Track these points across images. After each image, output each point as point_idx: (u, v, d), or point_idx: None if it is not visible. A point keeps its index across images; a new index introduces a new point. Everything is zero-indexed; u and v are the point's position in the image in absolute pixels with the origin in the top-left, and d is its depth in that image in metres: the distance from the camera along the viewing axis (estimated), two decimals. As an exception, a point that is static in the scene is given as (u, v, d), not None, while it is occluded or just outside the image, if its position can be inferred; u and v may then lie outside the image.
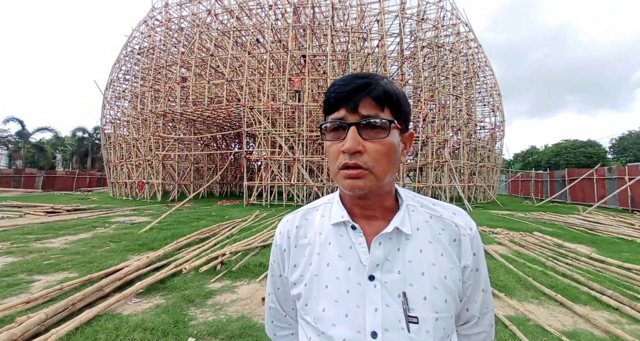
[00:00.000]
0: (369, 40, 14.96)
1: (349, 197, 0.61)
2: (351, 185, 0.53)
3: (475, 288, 0.61)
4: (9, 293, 3.18)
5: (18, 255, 4.68)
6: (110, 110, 18.79)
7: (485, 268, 0.63)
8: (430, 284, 0.55)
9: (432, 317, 0.54)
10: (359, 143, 0.52)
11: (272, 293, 0.72)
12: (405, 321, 0.53)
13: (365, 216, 0.60)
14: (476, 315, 0.63)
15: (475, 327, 0.64)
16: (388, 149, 0.54)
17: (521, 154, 48.65)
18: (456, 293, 0.57)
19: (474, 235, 0.61)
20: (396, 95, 0.56)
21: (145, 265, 3.93)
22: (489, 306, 0.64)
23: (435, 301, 0.54)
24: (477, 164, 16.68)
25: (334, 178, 0.57)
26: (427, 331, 0.53)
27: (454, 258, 0.58)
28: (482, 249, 0.63)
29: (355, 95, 0.54)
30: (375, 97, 0.54)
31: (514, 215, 10.39)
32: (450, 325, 0.57)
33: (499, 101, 19.01)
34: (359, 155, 0.53)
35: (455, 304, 0.57)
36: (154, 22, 17.68)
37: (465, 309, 0.62)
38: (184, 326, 2.52)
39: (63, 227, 7.13)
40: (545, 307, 3.04)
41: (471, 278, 0.60)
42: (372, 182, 0.54)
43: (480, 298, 0.62)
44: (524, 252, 5.07)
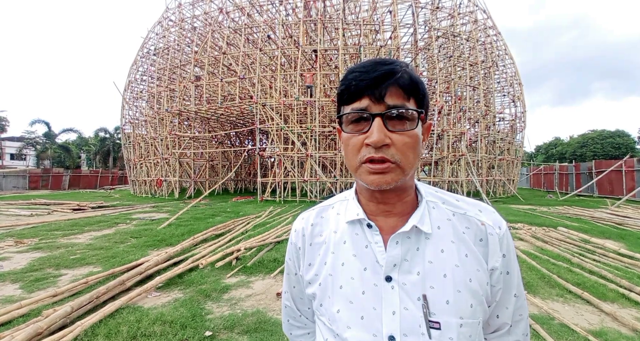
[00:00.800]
0: (381, 32, 14.60)
1: (367, 192, 0.57)
2: (378, 181, 0.50)
3: (506, 293, 0.56)
4: (37, 287, 3.36)
5: (46, 250, 4.94)
6: (129, 111, 19.41)
7: (518, 271, 0.57)
8: (454, 287, 0.51)
9: (456, 323, 0.50)
10: (386, 135, 0.49)
11: (287, 292, 0.71)
12: (425, 326, 0.49)
13: (383, 213, 0.57)
14: (508, 323, 0.58)
15: (507, 336, 0.59)
16: (415, 142, 0.51)
17: (544, 146, 46.55)
18: (483, 298, 0.53)
19: (504, 234, 0.55)
20: (422, 84, 0.52)
21: (164, 260, 4.05)
22: (522, 313, 0.59)
23: (460, 306, 0.50)
24: (496, 157, 16.10)
25: (354, 172, 0.53)
26: (450, 338, 0.49)
27: (480, 259, 0.53)
28: (514, 250, 0.57)
29: (380, 83, 0.49)
30: (403, 85, 0.50)
31: (536, 210, 10.00)
32: (477, 332, 0.52)
33: (520, 91, 18.18)
34: (386, 148, 0.49)
35: (483, 309, 0.53)
36: (168, 22, 18.02)
37: (495, 315, 0.57)
38: (201, 319, 2.57)
39: (88, 223, 7.47)
40: (571, 305, 2.91)
41: (500, 282, 0.55)
42: (398, 176, 0.50)
43: (512, 304, 0.57)
44: (548, 248, 4.86)
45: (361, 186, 0.58)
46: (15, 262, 4.28)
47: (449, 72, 15.76)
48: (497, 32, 18.07)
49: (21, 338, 2.07)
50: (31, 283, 3.46)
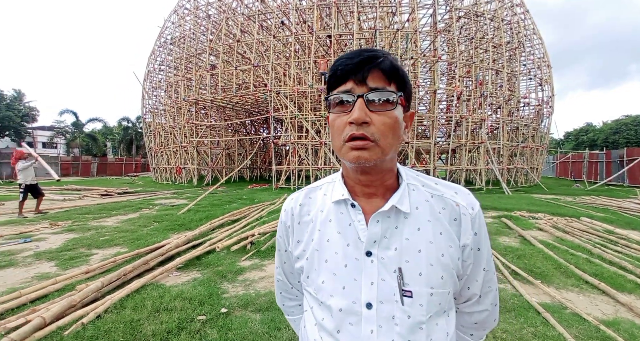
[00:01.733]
0: (398, 14, 13.99)
1: (352, 174, 0.61)
2: (357, 157, 0.54)
3: (476, 267, 0.62)
4: (71, 265, 3.68)
5: (78, 232, 5.34)
6: (149, 100, 19.99)
7: (488, 248, 0.63)
8: (427, 261, 0.56)
9: (427, 292, 0.55)
10: (366, 114, 0.53)
11: (279, 267, 0.77)
12: (399, 294, 0.55)
13: (366, 194, 0.61)
14: (477, 293, 0.64)
15: (477, 305, 0.66)
16: (394, 122, 0.55)
17: (574, 132, 43.80)
18: (454, 271, 0.58)
19: (476, 214, 0.61)
20: (402, 71, 0.56)
21: (183, 243, 4.28)
22: (491, 285, 0.65)
23: (431, 278, 0.56)
24: (519, 144, 15.37)
25: (338, 152, 0.57)
26: (420, 305, 0.55)
27: (453, 236, 0.59)
28: (485, 229, 0.62)
29: (363, 67, 0.54)
30: (384, 69, 0.54)
31: (560, 200, 9.60)
32: (446, 301, 0.58)
33: (548, 73, 17.03)
34: (366, 126, 0.53)
35: (453, 281, 0.58)
36: (184, 11, 18.08)
37: (466, 287, 0.64)
38: (217, 298, 2.75)
39: (115, 207, 7.96)
40: (585, 295, 2.86)
41: (471, 257, 0.60)
42: (377, 155, 0.54)
43: (481, 277, 0.63)
44: (568, 238, 4.72)
45: (347, 169, 0.62)
46: (51, 242, 4.67)
47: (470, 54, 14.97)
48: (524, 10, 16.85)
49: (56, 309, 2.30)
50: (65, 261, 3.78)
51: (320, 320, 0.60)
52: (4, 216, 6.79)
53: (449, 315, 0.59)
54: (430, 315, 0.56)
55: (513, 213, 6.91)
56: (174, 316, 2.37)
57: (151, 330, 2.19)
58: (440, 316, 0.58)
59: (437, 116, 13.50)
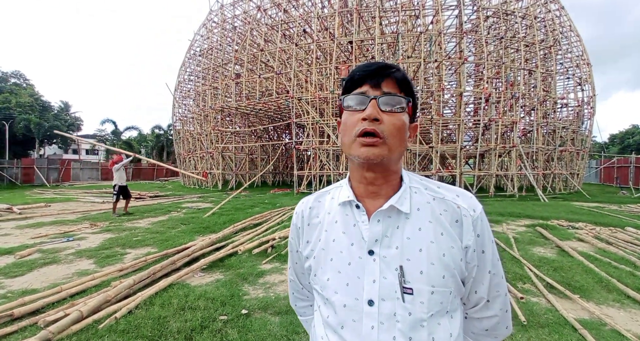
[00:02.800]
0: (421, 17, 13.79)
1: (357, 174, 0.64)
2: (366, 153, 0.57)
3: (481, 270, 0.62)
4: (108, 262, 3.94)
5: (115, 232, 5.71)
6: (179, 109, 21.15)
7: (494, 252, 0.63)
8: (428, 260, 0.58)
9: (428, 290, 0.57)
10: (378, 112, 0.57)
11: (291, 267, 0.80)
12: (400, 291, 0.57)
13: (370, 195, 0.64)
14: (484, 298, 0.64)
15: (485, 310, 0.66)
16: (401, 125, 0.59)
17: (619, 135, 40.21)
18: (456, 271, 0.59)
19: (478, 217, 0.62)
20: (412, 84, 0.63)
21: (207, 245, 4.44)
22: (499, 290, 0.65)
23: (432, 276, 0.57)
24: (557, 148, 14.35)
25: (348, 148, 0.60)
26: (421, 302, 0.56)
27: (454, 237, 0.60)
28: (489, 232, 0.63)
29: (379, 73, 0.60)
30: (397, 78, 0.61)
31: (604, 208, 8.84)
32: (448, 301, 0.59)
33: (588, 72, 15.86)
34: (378, 123, 0.57)
35: (455, 281, 0.59)
36: (212, 24, 19.08)
37: (473, 291, 0.64)
38: (238, 299, 2.81)
39: (147, 210, 8.44)
40: (627, 311, 2.63)
41: (475, 259, 0.61)
42: (384, 152, 0.57)
43: (487, 280, 0.63)
44: (612, 250, 4.33)
45: (353, 168, 0.65)
46: (90, 242, 5.04)
47: (499, 55, 14.32)
48: (560, 6, 15.92)
49: (93, 304, 2.47)
50: (102, 259, 4.06)
51: (325, 317, 0.63)
52: (50, 217, 7.43)
53: (452, 316, 0.60)
54: (431, 313, 0.56)
55: (549, 222, 6.44)
56: (197, 315, 2.45)
57: (176, 327, 2.28)
58: (443, 316, 0.58)
59: (464, 119, 13.01)
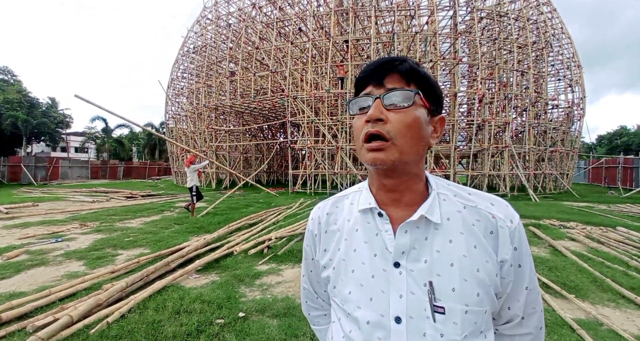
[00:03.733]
0: (417, 17, 13.84)
1: (377, 181, 0.60)
2: (373, 158, 0.53)
3: (517, 286, 0.57)
4: (98, 264, 3.83)
5: (105, 232, 5.58)
6: (171, 107, 20.83)
7: (531, 266, 0.58)
8: (460, 276, 0.53)
9: (461, 309, 0.52)
10: (381, 111, 0.53)
11: (305, 275, 0.76)
12: (430, 310, 0.52)
13: (393, 202, 0.59)
14: (519, 315, 0.59)
15: (519, 328, 0.60)
16: (412, 121, 0.53)
17: (607, 136, 41.30)
18: (491, 288, 0.54)
19: (515, 228, 0.56)
20: (424, 73, 0.56)
21: (202, 245, 4.36)
22: (536, 307, 0.59)
23: (465, 294, 0.52)
24: (547, 149, 14.61)
25: (360, 155, 0.57)
26: (454, 322, 0.51)
27: (489, 250, 0.55)
28: (527, 244, 0.58)
29: (381, 70, 0.56)
30: (401, 71, 0.55)
31: (593, 208, 9.03)
32: (483, 320, 0.54)
33: (579, 74, 16.17)
34: (382, 124, 0.53)
35: (490, 299, 0.54)
36: (206, 21, 18.81)
37: (506, 307, 0.59)
38: (235, 301, 2.76)
39: (139, 210, 8.27)
40: (622, 311, 2.67)
41: (511, 274, 0.56)
42: (394, 155, 0.52)
43: (523, 296, 0.58)
44: (604, 249, 4.41)
45: (371, 175, 0.61)
46: (80, 242, 4.90)
47: (493, 56, 14.48)
48: (552, 9, 16.17)
49: (83, 308, 2.39)
50: (93, 261, 3.95)
51: (347, 332, 0.58)
52: (38, 216, 7.22)
53: (486, 336, 0.55)
54: (465, 334, 0.51)
55: (542, 221, 6.54)
56: (193, 318, 2.39)
57: (172, 331, 2.22)
58: (477, 337, 0.53)
59: (458, 119, 13.13)
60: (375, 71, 0.56)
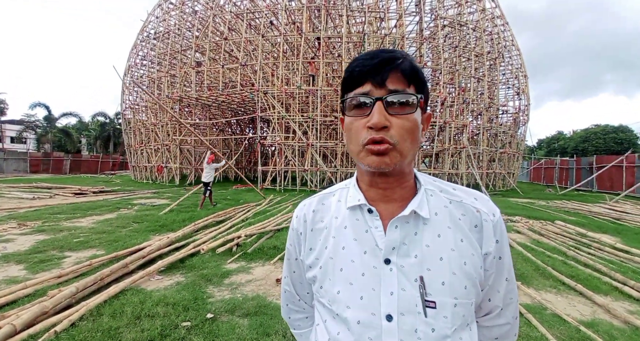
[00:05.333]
0: (386, 20, 14.28)
1: (368, 178, 0.59)
2: (377, 162, 0.52)
3: (498, 277, 0.59)
4: (42, 268, 3.43)
5: (50, 233, 5.01)
6: (129, 96, 19.20)
7: (509, 257, 0.60)
8: (449, 269, 0.54)
9: (451, 303, 0.52)
10: (386, 118, 0.51)
11: (287, 277, 0.73)
12: (422, 305, 0.52)
13: (383, 198, 0.59)
14: (499, 306, 0.61)
15: (498, 318, 0.62)
16: (413, 126, 0.53)
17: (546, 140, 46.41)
18: (477, 280, 0.55)
19: (497, 221, 0.58)
20: (421, 72, 0.55)
21: (166, 245, 4.11)
22: (512, 297, 0.62)
23: (455, 287, 0.53)
24: (498, 150, 16.05)
25: (356, 156, 0.55)
26: (445, 316, 0.52)
27: (474, 244, 0.56)
28: (506, 237, 0.60)
29: (382, 68, 0.52)
30: (404, 70, 0.52)
31: (534, 204, 10.07)
32: (469, 313, 0.55)
33: (525, 83, 17.92)
34: (386, 130, 0.51)
35: (476, 291, 0.56)
36: (169, 5, 17.55)
37: (487, 299, 0.60)
38: (202, 302, 2.64)
39: (90, 207, 7.54)
40: (564, 297, 2.98)
41: (493, 266, 0.58)
42: (396, 159, 0.52)
43: (503, 287, 0.60)
44: (544, 241, 4.94)
45: (362, 172, 0.60)
46: (19, 244, 4.35)
47: (453, 62, 15.47)
48: (504, 22, 17.64)
49: (27, 316, 2.13)
50: (35, 264, 3.53)
51: (335, 334, 0.56)
52: (-35, 215, 6.26)
53: (471, 328, 0.57)
54: (454, 328, 0.52)
55: (493, 216, 7.14)
56: (156, 323, 2.25)
57: (131, 338, 2.06)
58: (464, 330, 0.55)
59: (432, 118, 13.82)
60: (376, 68, 0.52)
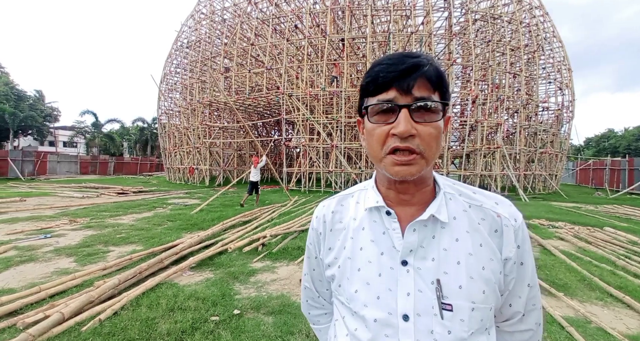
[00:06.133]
0: (412, 17, 13.90)
1: (387, 182, 0.60)
2: (403, 173, 0.52)
3: (519, 283, 0.58)
4: (89, 261, 3.77)
5: (96, 229, 5.48)
6: (164, 102, 20.50)
7: (532, 263, 0.59)
8: (467, 274, 0.54)
9: (468, 307, 0.53)
10: (412, 126, 0.51)
11: (307, 274, 0.75)
12: (438, 308, 0.52)
13: (401, 201, 0.59)
14: (520, 312, 0.60)
15: (519, 324, 0.61)
16: (438, 133, 0.53)
17: (595, 139, 42.37)
18: (495, 286, 0.55)
19: (519, 226, 0.57)
20: (445, 77, 0.54)
21: (196, 242, 4.33)
22: (535, 303, 0.61)
23: (472, 291, 0.53)
24: (537, 150, 14.92)
25: (378, 163, 0.55)
26: (461, 319, 0.52)
27: (494, 249, 0.56)
28: (529, 242, 0.59)
29: (408, 75, 0.51)
30: (430, 78, 0.52)
31: (580, 208, 9.27)
32: (488, 317, 0.55)
33: (569, 77, 16.52)
34: (412, 139, 0.51)
35: (495, 296, 0.55)
36: (200, 15, 18.53)
37: (508, 304, 0.60)
38: (230, 299, 2.75)
39: (130, 206, 8.15)
40: (610, 309, 2.74)
41: (514, 272, 0.57)
42: (422, 167, 0.52)
43: (525, 293, 0.59)
44: (591, 249, 4.54)
45: (382, 176, 0.61)
46: (70, 239, 4.81)
47: (486, 58, 14.70)
48: (544, 12, 16.46)
49: (75, 305, 2.35)
50: (84, 257, 3.89)
51: (353, 330, 0.59)
52: (26, 212, 7.05)
53: (489, 333, 0.56)
54: (472, 331, 0.53)
55: (531, 221, 6.68)
56: (188, 315, 2.39)
57: (166, 328, 2.21)
58: (482, 334, 0.55)
59: (451, 120, 13.28)
60: (402, 74, 0.51)
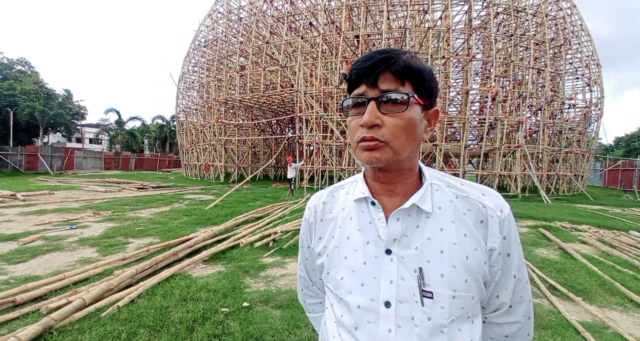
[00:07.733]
0: (430, 12, 13.55)
1: (371, 172, 0.62)
2: (368, 157, 0.54)
3: (505, 274, 0.59)
4: (110, 251, 3.97)
5: (117, 221, 5.74)
6: (182, 100, 21.08)
7: (520, 255, 0.60)
8: (450, 262, 0.55)
9: (449, 294, 0.54)
10: (376, 117, 0.53)
11: (302, 263, 0.78)
12: (419, 295, 0.54)
13: (387, 192, 0.61)
14: (507, 303, 0.61)
15: (507, 316, 0.62)
16: (406, 123, 0.54)
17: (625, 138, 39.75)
18: (479, 275, 0.56)
19: (505, 217, 0.58)
20: (419, 69, 0.55)
21: (209, 237, 4.45)
22: (524, 295, 0.61)
23: (453, 280, 0.54)
24: (562, 150, 14.20)
25: (354, 152, 0.58)
26: (441, 307, 0.54)
27: (478, 239, 0.57)
28: (516, 234, 0.59)
29: (374, 70, 0.54)
30: (395, 71, 0.54)
31: (607, 211, 8.79)
32: (470, 306, 0.56)
33: (598, 73, 15.60)
34: (377, 128, 0.53)
35: (478, 286, 0.56)
36: (217, 14, 18.86)
37: (495, 295, 0.61)
38: (240, 292, 2.82)
39: (149, 200, 8.47)
40: (630, 315, 2.63)
41: (499, 263, 0.58)
42: (388, 154, 0.54)
43: (511, 285, 0.60)
44: (615, 253, 4.31)
45: (367, 167, 0.63)
46: (93, 230, 5.07)
47: (508, 53, 14.09)
48: (571, 5, 15.60)
49: (96, 292, 2.48)
50: (105, 248, 4.09)
51: (339, 316, 0.61)
52: (54, 204, 7.48)
53: (473, 321, 0.57)
54: (452, 318, 0.54)
55: (552, 223, 6.40)
56: (199, 306, 2.46)
57: (178, 317, 2.29)
58: (464, 322, 0.56)
59: (469, 118, 12.88)
60: (369, 70, 0.54)
